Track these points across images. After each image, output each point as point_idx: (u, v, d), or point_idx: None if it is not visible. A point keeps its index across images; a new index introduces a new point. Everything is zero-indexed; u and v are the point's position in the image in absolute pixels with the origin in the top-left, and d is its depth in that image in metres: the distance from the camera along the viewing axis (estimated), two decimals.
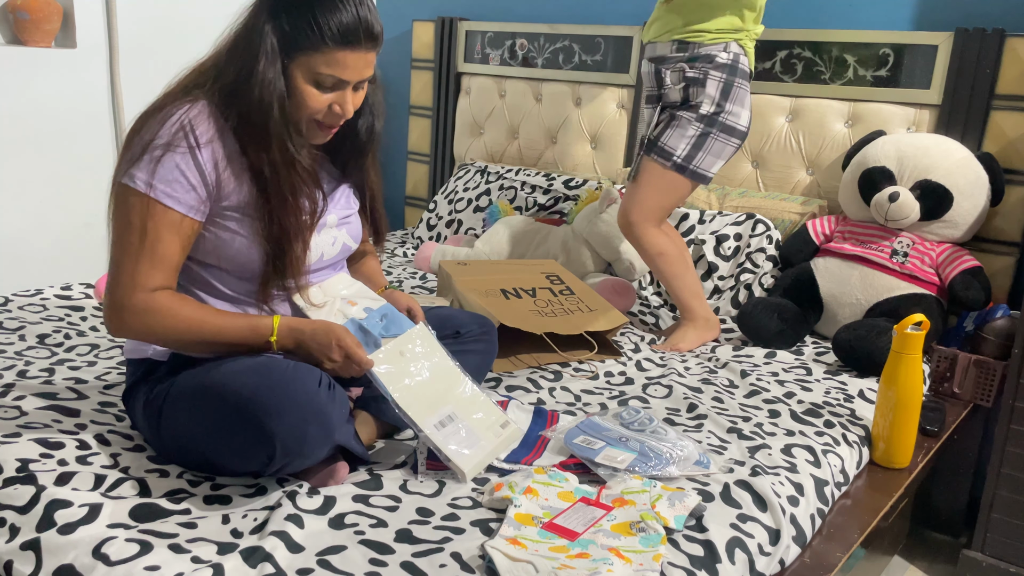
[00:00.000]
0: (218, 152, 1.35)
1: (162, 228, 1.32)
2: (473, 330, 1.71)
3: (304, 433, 1.26)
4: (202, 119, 1.33)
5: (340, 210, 1.53)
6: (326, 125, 1.41)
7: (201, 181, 1.33)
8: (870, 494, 1.65)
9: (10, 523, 1.22)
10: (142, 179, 1.31)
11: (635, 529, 1.28)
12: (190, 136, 1.32)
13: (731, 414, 1.78)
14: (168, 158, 1.31)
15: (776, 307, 2.23)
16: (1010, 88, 2.23)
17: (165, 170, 1.31)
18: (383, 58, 3.64)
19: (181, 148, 1.31)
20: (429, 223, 3.19)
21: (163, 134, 1.32)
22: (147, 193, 1.31)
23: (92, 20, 2.74)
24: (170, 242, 1.33)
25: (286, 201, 1.38)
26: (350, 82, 1.37)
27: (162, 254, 1.33)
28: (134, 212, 1.32)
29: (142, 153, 1.32)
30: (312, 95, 1.36)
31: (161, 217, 1.32)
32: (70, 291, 2.34)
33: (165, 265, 1.34)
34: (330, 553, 1.19)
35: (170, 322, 1.33)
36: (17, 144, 2.64)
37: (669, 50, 2.15)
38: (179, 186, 1.32)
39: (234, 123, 1.35)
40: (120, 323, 1.35)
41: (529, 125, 3.15)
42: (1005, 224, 2.28)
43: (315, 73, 1.34)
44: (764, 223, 2.51)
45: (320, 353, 1.37)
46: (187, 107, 1.33)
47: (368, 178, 1.58)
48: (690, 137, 2.12)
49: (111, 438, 1.47)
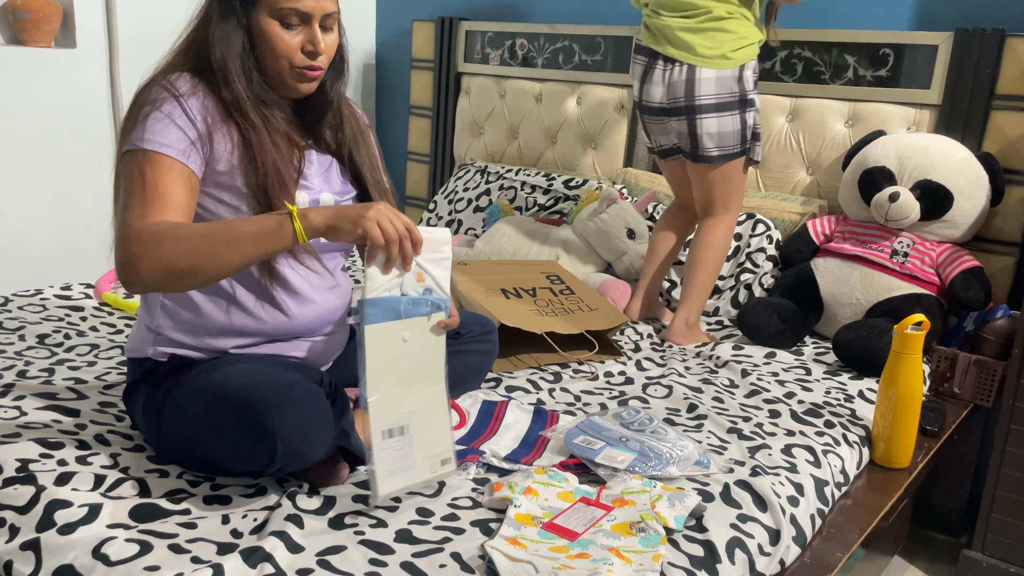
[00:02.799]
0: (205, 105, 1.37)
1: (162, 174, 1.31)
2: (474, 330, 1.71)
3: (305, 433, 1.26)
4: (183, 80, 1.38)
5: (335, 187, 1.52)
6: (305, 68, 1.42)
7: (190, 123, 1.35)
8: (870, 494, 1.65)
9: (10, 523, 1.22)
10: (135, 137, 1.33)
11: (635, 529, 1.28)
12: (172, 90, 1.35)
13: (731, 414, 1.78)
14: (155, 113, 1.34)
15: (776, 307, 2.23)
16: (1010, 88, 2.23)
17: (154, 121, 1.33)
18: (383, 58, 3.65)
19: (167, 101, 1.34)
20: (429, 223, 3.19)
21: (147, 100, 1.35)
22: (142, 147, 1.32)
23: (92, 20, 2.74)
24: (170, 184, 1.32)
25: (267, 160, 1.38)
26: (313, 15, 1.39)
27: (163, 194, 1.30)
28: (133, 168, 1.32)
29: (136, 121, 1.35)
30: (280, 37, 1.38)
31: (159, 164, 1.32)
32: (70, 291, 2.34)
33: (170, 205, 1.30)
34: (330, 553, 1.19)
35: (176, 234, 1.25)
36: (17, 144, 2.64)
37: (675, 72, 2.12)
38: (171, 134, 1.33)
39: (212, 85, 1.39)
40: (129, 259, 1.25)
41: (529, 125, 3.15)
42: (1005, 224, 2.28)
43: (277, 11, 1.37)
44: (764, 223, 2.51)
45: (361, 208, 1.23)
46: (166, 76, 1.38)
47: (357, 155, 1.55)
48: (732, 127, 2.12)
49: (111, 438, 1.48)
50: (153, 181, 1.31)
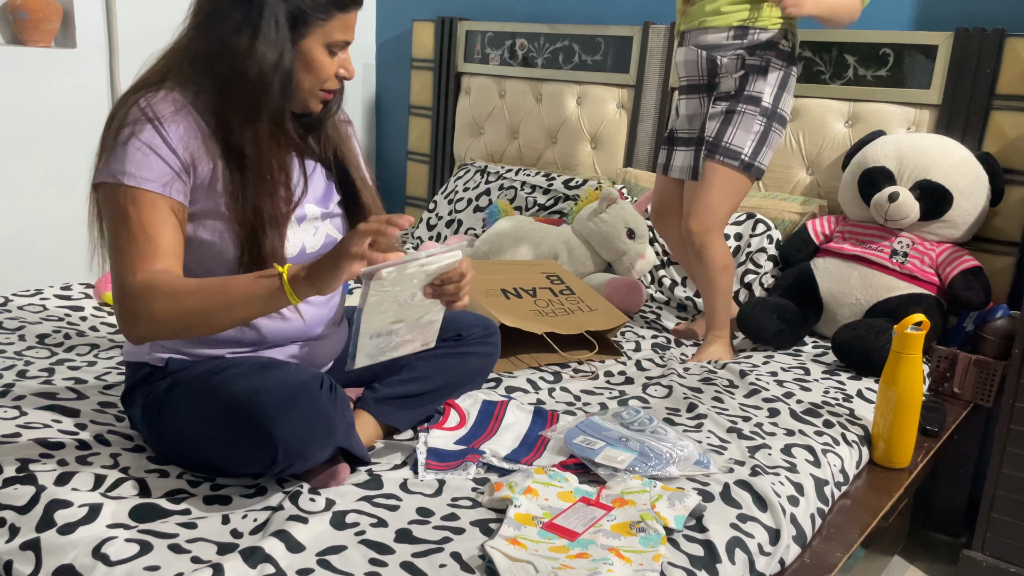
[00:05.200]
0: (183, 129, 1.32)
1: (146, 213, 1.29)
2: (476, 332, 1.70)
3: (306, 435, 1.26)
4: (162, 101, 1.33)
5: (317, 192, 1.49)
6: (330, 91, 1.43)
7: (172, 154, 1.31)
8: (870, 494, 1.65)
9: (10, 523, 1.22)
10: (116, 170, 1.29)
11: (635, 529, 1.28)
12: (150, 113, 1.31)
13: (731, 414, 1.78)
14: (132, 142, 1.29)
15: (776, 307, 2.23)
16: (1010, 88, 2.23)
17: (133, 151, 1.29)
18: (383, 58, 3.65)
19: (146, 128, 1.30)
20: (429, 223, 3.19)
21: (126, 122, 1.31)
22: (123, 182, 1.29)
23: (92, 20, 2.74)
24: (157, 224, 1.29)
25: (264, 180, 1.35)
26: (351, 43, 1.41)
27: (151, 237, 1.29)
28: (117, 206, 1.30)
29: (113, 148, 1.31)
30: (327, 64, 1.39)
31: (143, 202, 1.29)
32: (70, 291, 2.34)
33: (159, 249, 1.29)
34: (330, 553, 1.19)
35: (171, 292, 1.25)
36: (17, 144, 2.64)
37: (725, 37, 2.04)
38: (152, 167, 1.29)
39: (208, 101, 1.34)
40: (126, 314, 1.27)
41: (529, 125, 3.15)
42: (1005, 224, 2.28)
43: (330, 41, 1.37)
44: (764, 223, 2.51)
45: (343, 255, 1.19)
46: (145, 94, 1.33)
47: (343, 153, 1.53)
48: (756, 133, 2.04)
49: (111, 438, 1.47)
50: (140, 224, 1.28)
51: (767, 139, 2.07)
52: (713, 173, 2.08)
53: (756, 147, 2.06)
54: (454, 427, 1.62)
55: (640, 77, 2.86)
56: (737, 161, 2.06)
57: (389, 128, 3.71)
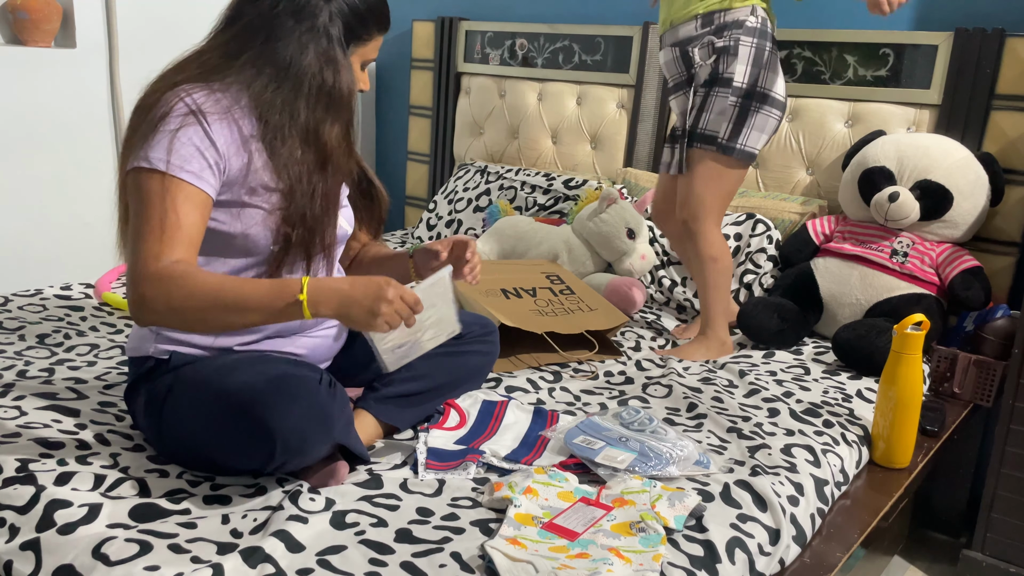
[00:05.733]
0: (226, 129, 1.35)
1: (180, 202, 1.30)
2: (475, 331, 1.71)
3: (305, 431, 1.27)
4: (207, 99, 1.35)
5: None
6: None
7: (214, 149, 1.33)
8: (870, 494, 1.65)
9: (10, 523, 1.22)
10: (157, 158, 1.30)
11: (635, 529, 1.28)
12: (198, 114, 1.33)
13: (731, 414, 1.78)
14: (179, 134, 1.31)
15: (776, 307, 2.23)
16: (1010, 88, 2.23)
17: (180, 145, 1.31)
18: (383, 58, 3.65)
19: (192, 123, 1.32)
20: (429, 223, 3.19)
21: (172, 113, 1.32)
22: (164, 171, 1.30)
23: (92, 20, 2.74)
24: (188, 214, 1.31)
25: (339, 179, 1.45)
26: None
27: (180, 226, 1.30)
28: (152, 191, 1.30)
29: (152, 135, 1.31)
30: (359, 78, 1.49)
31: (178, 192, 1.30)
32: (70, 291, 2.34)
33: (184, 238, 1.30)
34: (330, 553, 1.19)
35: (189, 287, 1.25)
36: (17, 144, 2.64)
37: (694, 28, 2.04)
38: (193, 159, 1.31)
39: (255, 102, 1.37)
40: (141, 299, 1.27)
41: (529, 125, 3.15)
42: (1005, 224, 2.28)
43: (367, 59, 1.48)
44: (764, 223, 2.51)
45: (371, 299, 1.25)
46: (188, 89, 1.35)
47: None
48: (730, 115, 2.02)
49: (111, 438, 1.48)
50: (173, 212, 1.30)
51: (747, 119, 2.03)
52: (695, 162, 2.09)
53: (734, 129, 2.03)
54: (454, 427, 1.62)
55: (640, 77, 2.86)
56: (714, 145, 2.05)
57: (389, 128, 3.71)
